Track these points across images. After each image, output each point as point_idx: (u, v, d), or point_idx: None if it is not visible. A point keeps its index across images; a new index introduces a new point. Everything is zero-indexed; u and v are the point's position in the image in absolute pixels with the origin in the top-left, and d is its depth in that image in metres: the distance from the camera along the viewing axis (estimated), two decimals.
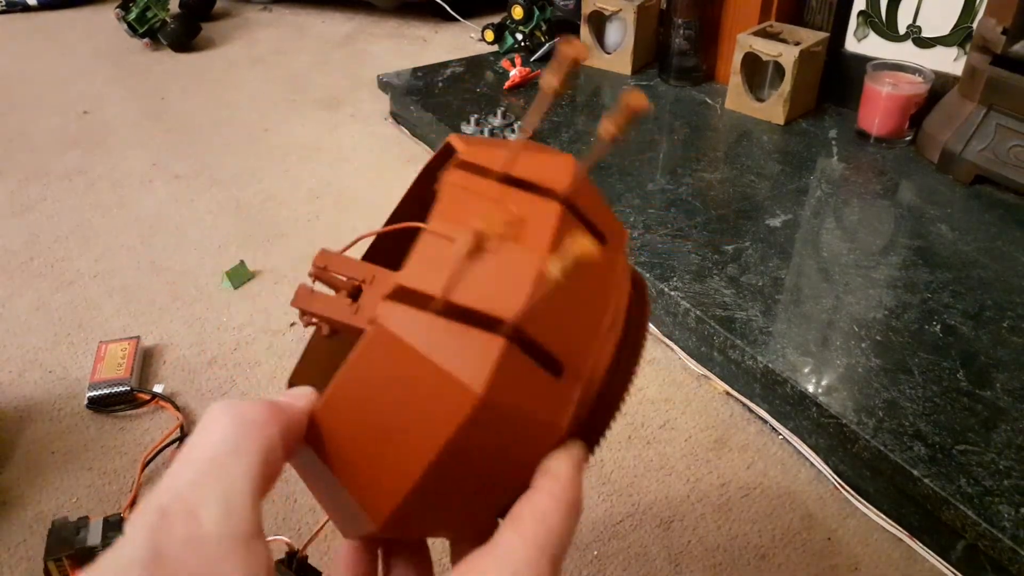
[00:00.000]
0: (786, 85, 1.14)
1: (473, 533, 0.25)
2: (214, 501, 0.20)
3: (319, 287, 0.27)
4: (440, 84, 1.34)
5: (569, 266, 0.20)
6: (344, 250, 0.26)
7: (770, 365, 0.71)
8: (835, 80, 1.21)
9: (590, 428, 0.26)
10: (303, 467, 0.26)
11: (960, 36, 1.08)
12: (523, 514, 0.22)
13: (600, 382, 0.25)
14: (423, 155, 1.26)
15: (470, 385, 0.21)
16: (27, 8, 1.91)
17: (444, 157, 0.28)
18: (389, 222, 0.31)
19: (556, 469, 0.24)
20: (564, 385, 0.23)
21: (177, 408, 0.75)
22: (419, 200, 0.30)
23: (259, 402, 0.22)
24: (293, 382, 0.31)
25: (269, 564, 0.20)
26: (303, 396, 0.24)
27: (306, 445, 0.24)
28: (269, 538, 0.63)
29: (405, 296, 0.22)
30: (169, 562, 0.19)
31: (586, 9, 1.36)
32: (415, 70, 1.40)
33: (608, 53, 1.38)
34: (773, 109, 1.17)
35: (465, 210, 0.24)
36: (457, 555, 0.27)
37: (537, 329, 0.22)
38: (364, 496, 0.23)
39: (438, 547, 0.28)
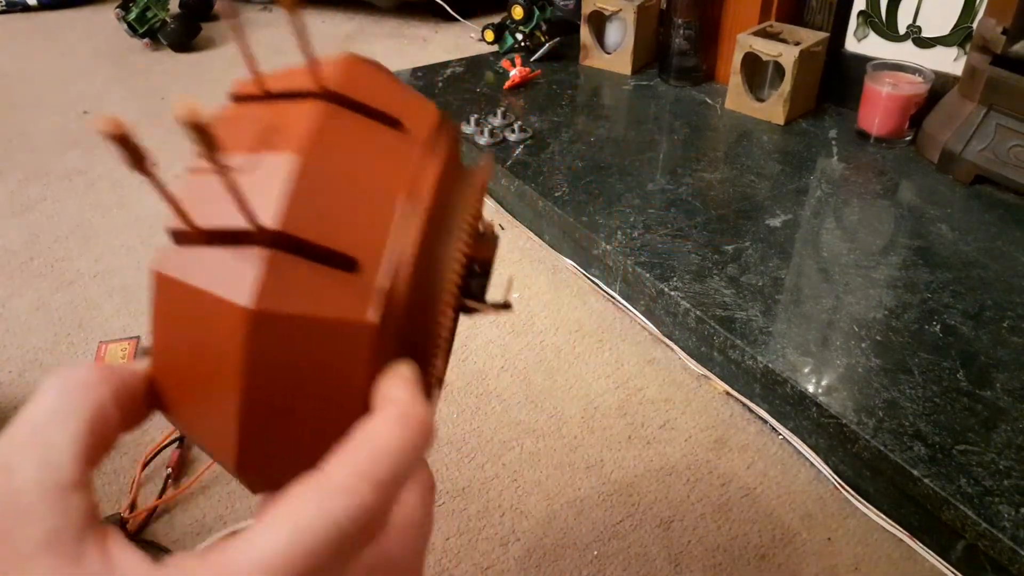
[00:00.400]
0: (786, 85, 1.14)
1: None
2: (30, 460, 0.20)
3: None
4: (440, 84, 1.34)
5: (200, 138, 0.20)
6: None
7: (770, 365, 0.71)
8: (835, 80, 1.21)
9: (422, 328, 0.24)
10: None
11: (960, 36, 1.08)
12: (347, 438, 0.21)
13: (413, 270, 0.22)
14: None
15: (237, 302, 0.20)
16: (27, 8, 1.91)
17: None
18: None
19: (386, 390, 0.22)
20: (362, 277, 0.22)
21: None
22: None
23: (89, 366, 0.22)
24: None
25: (89, 512, 0.20)
26: (146, 361, 0.24)
27: (148, 406, 0.24)
28: None
29: (174, 237, 0.22)
30: None
31: (586, 9, 1.36)
32: (415, 70, 1.40)
33: (608, 53, 1.38)
34: (773, 109, 1.17)
35: (223, 138, 0.23)
36: None
37: (302, 227, 0.21)
38: (213, 446, 0.23)
39: None
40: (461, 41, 1.73)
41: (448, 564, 0.62)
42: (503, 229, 0.93)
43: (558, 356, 0.84)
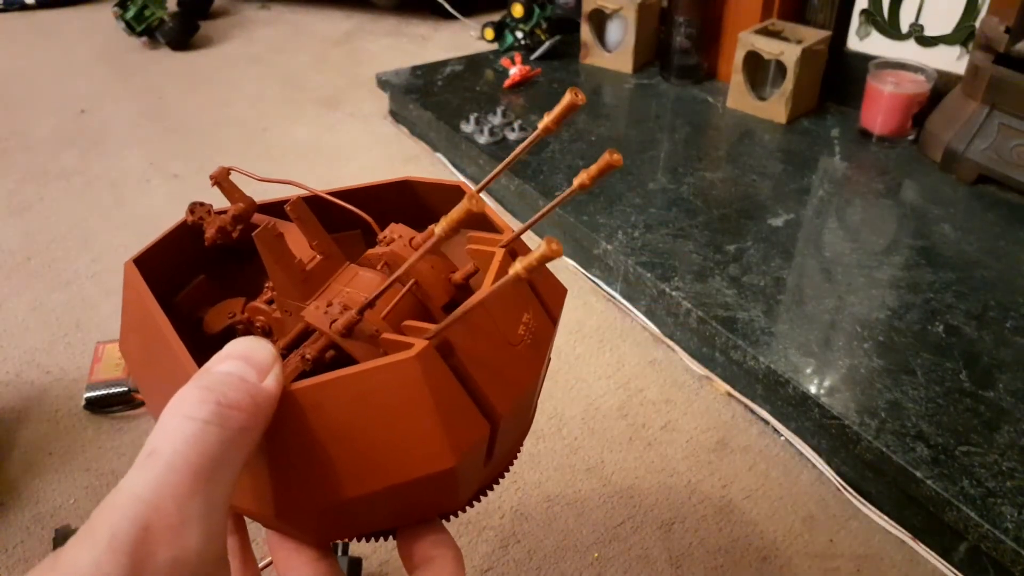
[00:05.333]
0: (788, 84, 1.13)
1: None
2: (198, 521, 0.18)
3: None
4: (439, 82, 1.33)
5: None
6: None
7: (772, 366, 0.71)
8: (837, 79, 1.21)
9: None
10: None
11: (963, 35, 1.08)
12: None
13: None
14: (423, 154, 1.25)
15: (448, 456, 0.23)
16: (24, 7, 1.91)
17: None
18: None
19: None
20: (484, 471, 0.27)
21: None
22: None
23: (245, 402, 0.20)
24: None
25: None
26: (275, 376, 0.22)
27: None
28: None
29: (442, 347, 0.24)
30: None
31: (587, 7, 1.35)
32: (414, 68, 1.39)
33: (609, 52, 1.37)
34: (775, 108, 1.17)
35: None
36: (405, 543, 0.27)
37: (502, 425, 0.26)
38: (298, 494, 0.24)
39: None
40: (460, 39, 1.72)
41: None
42: None
43: (558, 357, 0.83)
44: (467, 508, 0.29)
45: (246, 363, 0.21)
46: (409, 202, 0.34)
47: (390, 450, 0.23)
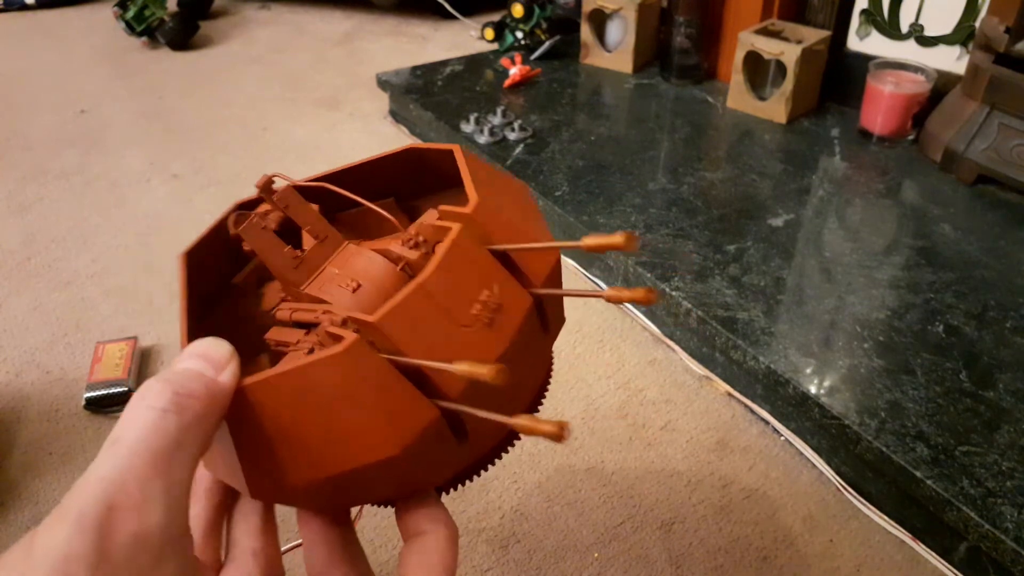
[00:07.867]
0: (788, 84, 1.13)
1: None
2: (159, 499, 0.20)
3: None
4: (439, 83, 1.33)
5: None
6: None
7: (772, 366, 0.71)
8: (837, 79, 1.21)
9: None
10: None
11: (963, 35, 1.08)
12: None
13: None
14: None
15: (394, 443, 0.23)
16: (24, 7, 1.91)
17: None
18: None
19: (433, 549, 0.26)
20: (464, 449, 0.27)
21: None
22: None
23: (200, 392, 0.22)
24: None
25: (193, 556, 0.23)
26: (231, 371, 0.24)
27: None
28: None
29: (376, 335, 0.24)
30: (115, 562, 0.19)
31: (587, 7, 1.35)
32: (414, 68, 1.39)
33: (609, 51, 1.37)
34: (775, 108, 1.17)
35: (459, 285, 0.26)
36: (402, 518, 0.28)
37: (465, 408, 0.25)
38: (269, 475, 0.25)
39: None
40: (460, 39, 1.72)
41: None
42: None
43: (558, 357, 0.83)
44: (470, 480, 0.29)
45: (204, 360, 0.23)
46: (414, 169, 0.34)
47: (332, 441, 0.23)
